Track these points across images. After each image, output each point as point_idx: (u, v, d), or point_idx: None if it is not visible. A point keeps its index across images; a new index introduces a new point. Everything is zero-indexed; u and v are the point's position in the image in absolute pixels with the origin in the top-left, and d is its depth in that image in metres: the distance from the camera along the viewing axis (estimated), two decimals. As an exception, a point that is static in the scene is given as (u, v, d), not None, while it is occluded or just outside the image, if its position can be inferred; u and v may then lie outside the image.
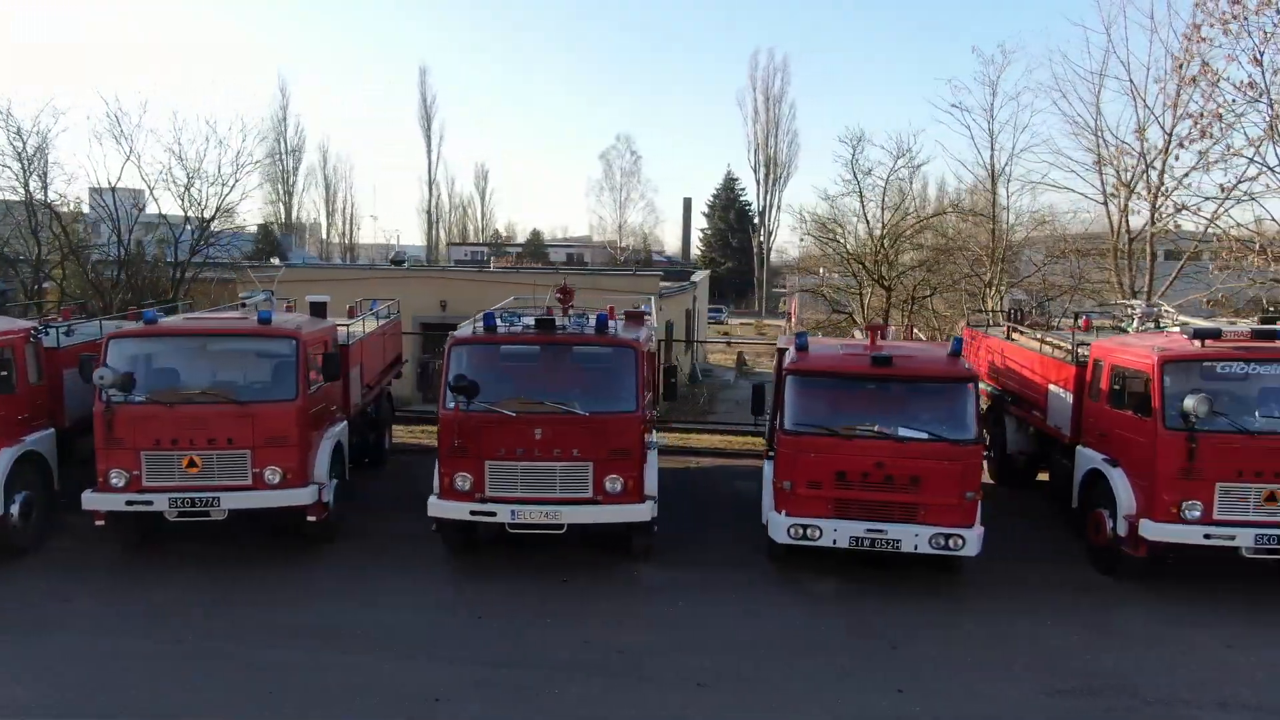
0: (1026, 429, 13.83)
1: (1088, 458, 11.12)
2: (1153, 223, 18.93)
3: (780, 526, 10.03)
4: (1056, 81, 18.77)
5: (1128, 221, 20.99)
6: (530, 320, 10.62)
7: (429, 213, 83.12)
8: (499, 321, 10.59)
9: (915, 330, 21.47)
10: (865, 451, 9.90)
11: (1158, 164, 19.20)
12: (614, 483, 10.13)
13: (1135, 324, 12.87)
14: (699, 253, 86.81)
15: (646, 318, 12.78)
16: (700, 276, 38.22)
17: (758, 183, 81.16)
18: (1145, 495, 10.01)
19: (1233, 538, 9.66)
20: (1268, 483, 9.64)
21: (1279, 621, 9.53)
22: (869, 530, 9.86)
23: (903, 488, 9.83)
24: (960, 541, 9.75)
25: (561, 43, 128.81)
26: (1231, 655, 8.76)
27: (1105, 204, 21.04)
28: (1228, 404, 9.93)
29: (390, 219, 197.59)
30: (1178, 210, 18.78)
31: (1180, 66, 17.38)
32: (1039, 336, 13.41)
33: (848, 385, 10.31)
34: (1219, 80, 16.46)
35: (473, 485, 10.13)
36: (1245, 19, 15.92)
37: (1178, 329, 11.78)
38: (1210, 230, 18.87)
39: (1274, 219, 17.23)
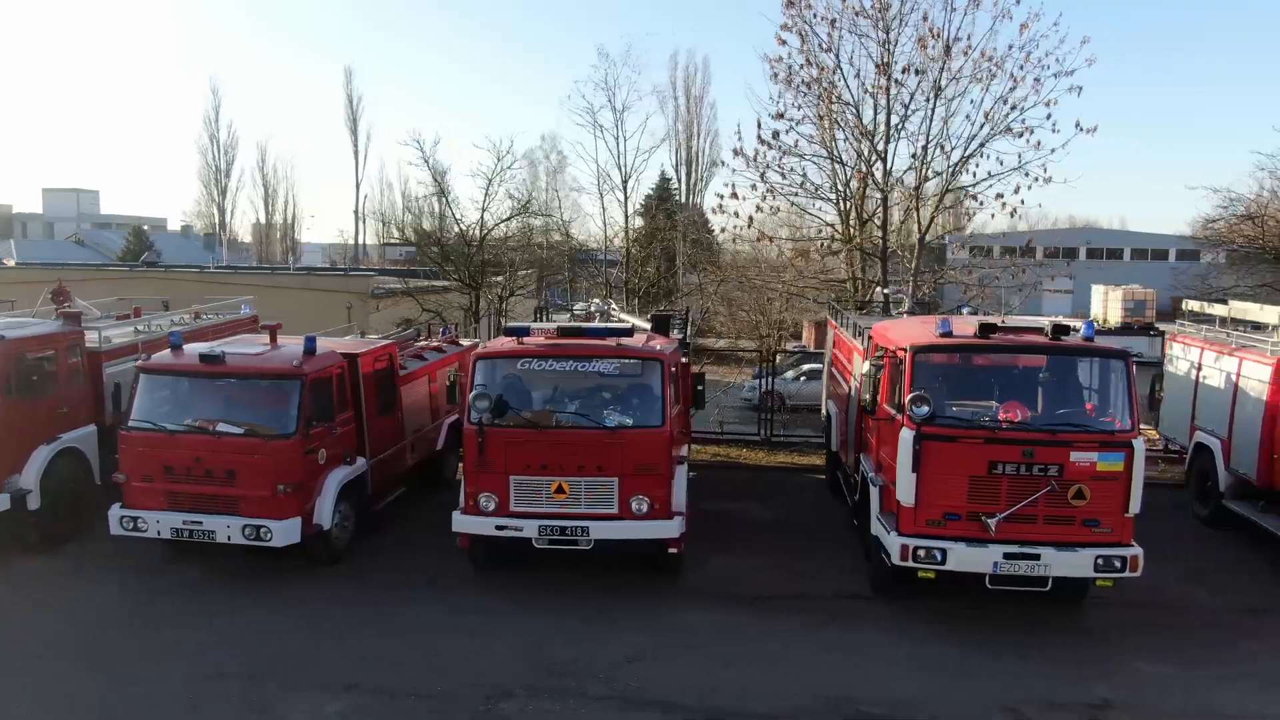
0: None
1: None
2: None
3: (114, 519, 10.40)
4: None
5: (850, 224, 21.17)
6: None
7: (356, 213, 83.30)
8: None
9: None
10: (188, 446, 10.25)
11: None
12: None
13: (597, 321, 13.16)
14: (635, 251, 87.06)
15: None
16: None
17: (679, 182, 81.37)
18: (474, 489, 10.33)
19: (521, 529, 9.95)
20: (554, 475, 9.94)
21: (558, 614, 9.80)
22: (186, 521, 10.21)
23: (221, 481, 10.19)
24: (269, 533, 10.09)
25: (500, 42, 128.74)
26: (465, 642, 9.09)
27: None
28: (537, 400, 10.27)
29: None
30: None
31: (788, 69, 17.63)
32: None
33: (188, 383, 10.66)
34: (791, 81, 16.72)
35: None
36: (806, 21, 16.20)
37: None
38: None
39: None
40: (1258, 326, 14.03)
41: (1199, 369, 13.84)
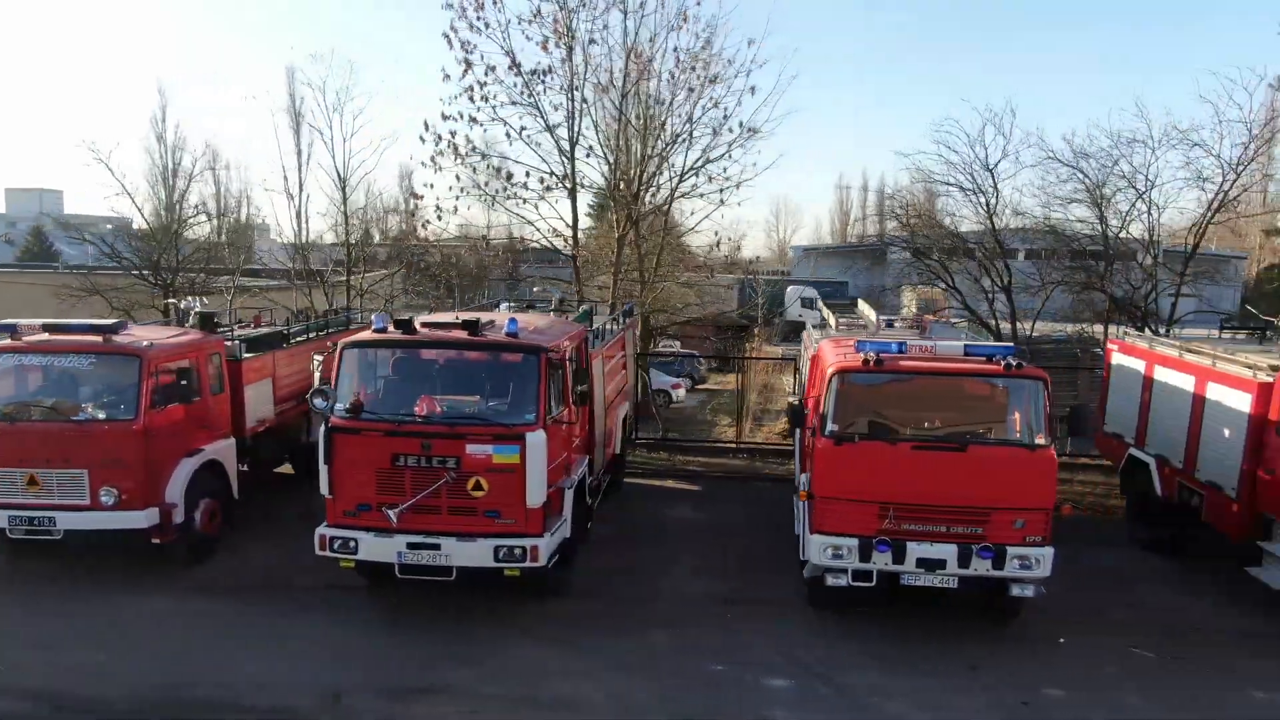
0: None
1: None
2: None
3: None
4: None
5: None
6: None
7: (298, 214, 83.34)
8: None
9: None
10: None
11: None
12: None
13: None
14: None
15: None
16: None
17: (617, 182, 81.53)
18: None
19: (-2, 521, 10.25)
20: (28, 468, 10.21)
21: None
22: None
23: None
24: None
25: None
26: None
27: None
28: (23, 393, 10.60)
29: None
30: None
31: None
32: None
33: None
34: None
35: None
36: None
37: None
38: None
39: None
40: (891, 324, 14.26)
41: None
